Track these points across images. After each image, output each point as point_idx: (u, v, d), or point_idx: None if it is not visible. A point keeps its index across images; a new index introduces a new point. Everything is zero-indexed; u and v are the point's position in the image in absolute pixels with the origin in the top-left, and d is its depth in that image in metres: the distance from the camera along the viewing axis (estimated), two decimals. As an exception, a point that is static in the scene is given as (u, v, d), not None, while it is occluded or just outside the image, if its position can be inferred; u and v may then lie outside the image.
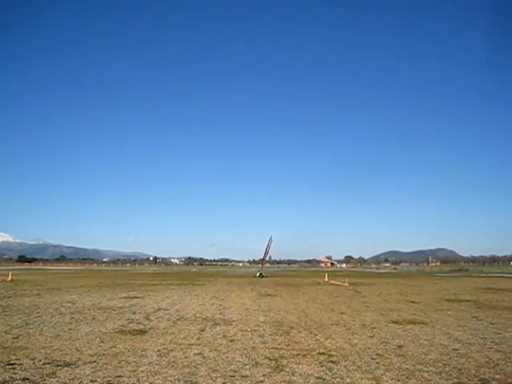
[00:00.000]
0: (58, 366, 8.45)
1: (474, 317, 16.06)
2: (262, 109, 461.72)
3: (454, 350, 10.26)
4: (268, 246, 62.29)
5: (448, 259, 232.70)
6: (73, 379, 7.50)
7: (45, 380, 7.46)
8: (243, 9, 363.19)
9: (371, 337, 11.90)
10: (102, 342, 10.93)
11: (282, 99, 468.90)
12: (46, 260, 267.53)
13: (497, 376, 7.94)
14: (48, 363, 8.65)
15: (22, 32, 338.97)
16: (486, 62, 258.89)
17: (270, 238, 61.80)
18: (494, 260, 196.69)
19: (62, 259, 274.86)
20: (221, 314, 16.55)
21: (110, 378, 7.56)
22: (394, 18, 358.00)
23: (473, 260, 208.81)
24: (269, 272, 58.42)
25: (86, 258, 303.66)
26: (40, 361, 8.85)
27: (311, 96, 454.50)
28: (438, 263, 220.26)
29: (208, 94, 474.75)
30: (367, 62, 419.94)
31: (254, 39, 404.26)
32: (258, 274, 57.47)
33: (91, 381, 7.41)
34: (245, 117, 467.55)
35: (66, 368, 8.26)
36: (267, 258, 66.04)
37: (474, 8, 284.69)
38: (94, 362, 8.80)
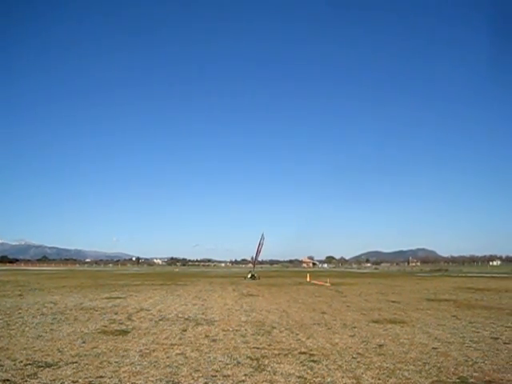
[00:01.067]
0: (39, 366, 8.45)
1: (454, 316, 16.31)
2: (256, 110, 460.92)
3: (433, 348, 10.45)
4: (260, 244, 52.02)
5: (428, 259, 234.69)
6: (54, 380, 7.51)
7: (26, 381, 7.45)
8: (244, 8, 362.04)
9: (352, 336, 12.04)
10: (83, 342, 10.93)
11: (278, 99, 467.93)
12: (28, 260, 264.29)
13: (475, 374, 8.12)
14: (29, 364, 8.64)
15: (22, 32, 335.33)
16: (487, 63, 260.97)
17: (262, 235, 52.32)
18: (473, 260, 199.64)
19: (44, 260, 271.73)
20: (203, 314, 16.59)
21: (91, 379, 7.59)
22: (394, 19, 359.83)
23: (452, 260, 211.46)
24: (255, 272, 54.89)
25: (69, 258, 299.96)
26: (21, 362, 8.82)
27: (310, 96, 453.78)
28: (418, 263, 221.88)
29: (203, 94, 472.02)
30: (368, 63, 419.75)
31: (255, 39, 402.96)
32: (249, 276, 50.75)
33: (73, 381, 7.43)
34: (233, 117, 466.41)
35: (47, 369, 8.26)
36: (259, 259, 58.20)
37: (474, 8, 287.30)
38: (76, 362, 8.80)
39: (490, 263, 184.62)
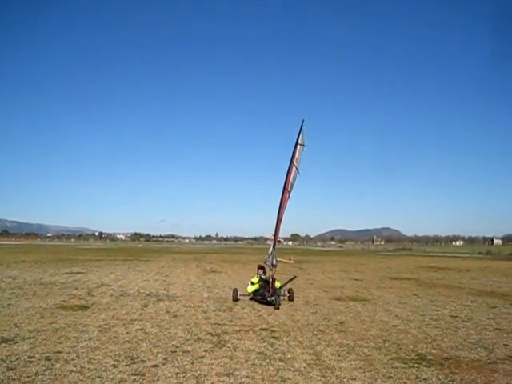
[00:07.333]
0: (-5, 341, 8.26)
1: (415, 294, 16.65)
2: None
3: (393, 326, 10.64)
4: (295, 159, 14.52)
5: (392, 238, 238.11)
6: (10, 355, 7.34)
7: (-20, 356, 7.27)
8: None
9: (314, 313, 12.16)
10: (42, 317, 10.74)
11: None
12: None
13: (433, 351, 8.28)
14: (-16, 340, 8.44)
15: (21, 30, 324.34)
16: (489, 51, 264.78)
17: (302, 124, 14.39)
18: (436, 240, 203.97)
19: (4, 234, 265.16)
20: (165, 289, 16.53)
21: (48, 354, 7.45)
22: (396, 20, 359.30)
23: (416, 240, 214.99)
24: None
25: (30, 232, 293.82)
26: (-24, 337, 8.62)
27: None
28: (382, 242, 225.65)
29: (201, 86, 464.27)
30: (371, 61, 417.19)
31: (264, 30, 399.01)
32: (252, 284, 14.57)
33: (29, 357, 7.28)
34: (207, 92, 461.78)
35: (3, 344, 8.08)
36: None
37: (475, 9, 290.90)
38: (33, 337, 8.64)
39: (453, 243, 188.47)
